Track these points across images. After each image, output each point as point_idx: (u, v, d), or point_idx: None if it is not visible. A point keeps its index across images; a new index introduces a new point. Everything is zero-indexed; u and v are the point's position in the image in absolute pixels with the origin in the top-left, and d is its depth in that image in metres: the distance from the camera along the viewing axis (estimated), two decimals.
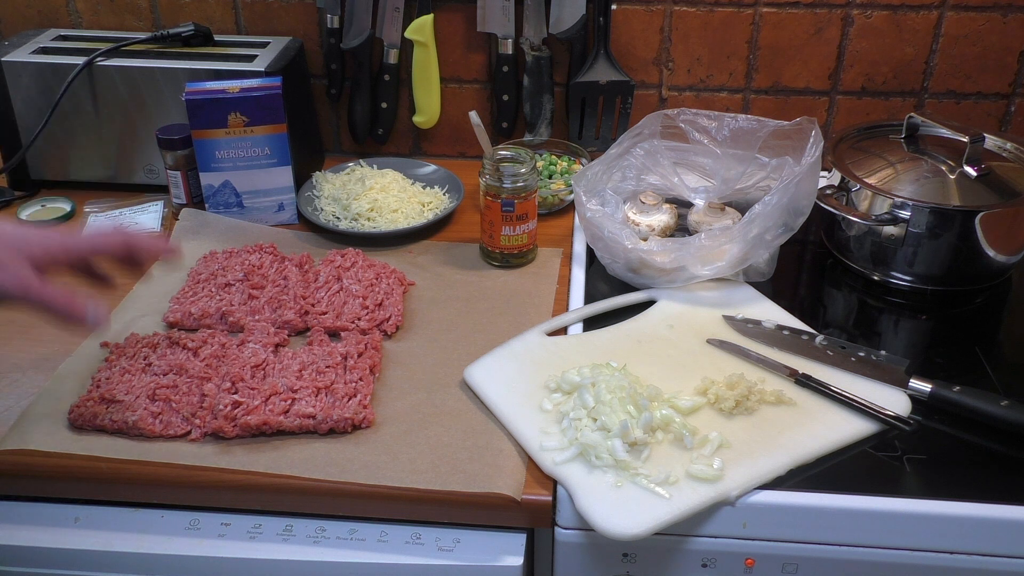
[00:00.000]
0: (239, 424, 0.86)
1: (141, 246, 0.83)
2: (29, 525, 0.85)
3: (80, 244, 0.81)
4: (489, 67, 1.37)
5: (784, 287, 1.11)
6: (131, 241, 0.82)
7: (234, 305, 1.02)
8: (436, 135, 1.43)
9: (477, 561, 0.82)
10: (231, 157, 1.17)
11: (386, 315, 1.02)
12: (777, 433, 0.84)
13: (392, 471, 0.82)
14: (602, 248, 1.07)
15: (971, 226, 1.03)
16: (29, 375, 0.94)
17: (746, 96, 1.37)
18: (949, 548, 0.80)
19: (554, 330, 1.01)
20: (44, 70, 1.23)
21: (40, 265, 0.77)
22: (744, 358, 0.95)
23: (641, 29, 1.33)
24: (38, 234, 0.78)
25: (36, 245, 0.77)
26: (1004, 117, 1.37)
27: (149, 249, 0.84)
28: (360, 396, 0.89)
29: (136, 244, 0.82)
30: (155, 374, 0.92)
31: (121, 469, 0.84)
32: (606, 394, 0.85)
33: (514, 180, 1.09)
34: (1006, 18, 1.28)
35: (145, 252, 0.84)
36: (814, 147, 1.03)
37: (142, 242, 0.83)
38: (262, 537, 0.84)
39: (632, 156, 1.16)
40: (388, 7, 1.31)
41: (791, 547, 0.81)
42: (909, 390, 0.89)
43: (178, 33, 1.29)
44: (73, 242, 0.80)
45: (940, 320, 1.07)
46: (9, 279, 0.74)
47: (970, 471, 0.84)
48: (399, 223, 1.19)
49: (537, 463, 0.83)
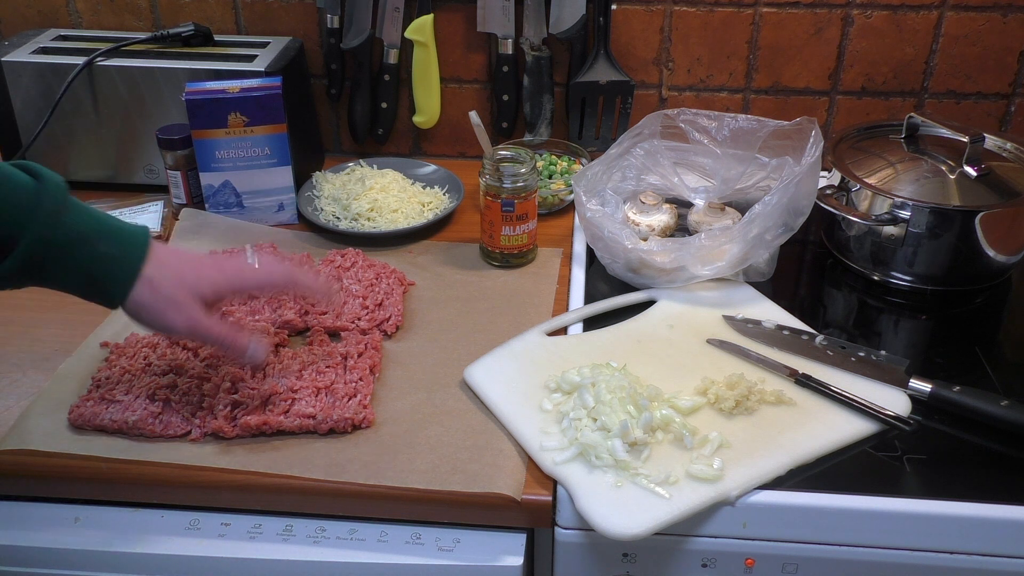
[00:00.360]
0: (239, 424, 0.86)
1: (304, 287, 0.90)
2: (29, 525, 0.85)
3: (247, 284, 0.87)
4: (489, 67, 1.37)
5: (784, 287, 1.11)
6: (296, 281, 0.89)
7: (234, 305, 1.02)
8: (436, 135, 1.43)
9: (477, 561, 0.82)
10: (231, 157, 1.17)
11: (386, 315, 1.02)
12: (777, 433, 0.84)
13: (392, 471, 0.82)
14: (602, 248, 1.07)
15: (971, 226, 1.03)
16: (29, 375, 0.94)
17: (746, 96, 1.37)
18: (949, 548, 0.80)
19: (554, 330, 1.01)
20: (44, 70, 1.23)
21: (209, 301, 0.83)
22: (744, 358, 0.95)
23: (641, 29, 1.33)
24: (212, 270, 0.84)
25: (207, 285, 0.82)
26: (1004, 117, 1.37)
27: (311, 290, 0.92)
28: (360, 396, 0.89)
29: (300, 285, 0.90)
30: (155, 374, 0.92)
31: (121, 469, 0.84)
32: (606, 394, 0.85)
33: (514, 180, 1.09)
34: (1006, 18, 1.28)
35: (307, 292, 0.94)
36: (814, 147, 1.03)
37: (306, 283, 0.90)
38: (262, 537, 0.84)
39: (632, 156, 1.16)
40: (388, 7, 1.31)
41: (791, 547, 0.81)
42: (909, 390, 0.89)
43: (178, 33, 1.29)
44: (241, 282, 0.86)
45: (940, 320, 1.07)
46: (181, 320, 0.80)
47: (970, 471, 0.84)
48: (399, 223, 1.19)
49: (537, 463, 0.83)
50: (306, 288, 0.91)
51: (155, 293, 0.78)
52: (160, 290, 0.79)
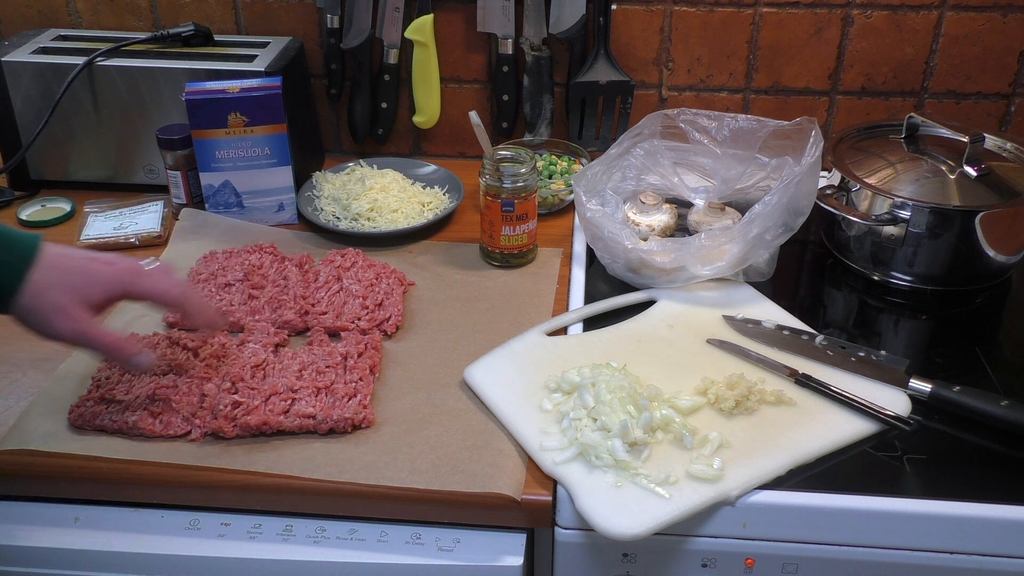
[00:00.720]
0: (239, 424, 0.86)
1: (192, 315, 0.88)
2: (29, 525, 0.85)
3: (139, 293, 0.84)
4: (489, 67, 1.37)
5: (784, 287, 1.11)
6: (188, 305, 0.87)
7: (234, 305, 1.02)
8: (436, 135, 1.43)
9: (477, 561, 0.82)
10: (231, 157, 1.17)
11: (386, 315, 1.02)
12: (777, 433, 0.84)
13: (392, 471, 0.82)
14: (602, 248, 1.07)
15: (971, 226, 1.03)
16: (29, 375, 0.94)
17: (746, 96, 1.37)
18: (949, 548, 0.80)
19: (554, 330, 1.01)
20: (44, 70, 1.23)
21: (98, 305, 0.81)
22: (744, 358, 0.95)
23: (641, 29, 1.33)
24: (103, 275, 0.82)
25: (99, 289, 0.81)
26: (1004, 117, 1.37)
27: (201, 317, 0.89)
28: (360, 396, 0.89)
29: (190, 309, 0.87)
30: (155, 374, 0.92)
31: (121, 469, 0.84)
32: (606, 394, 0.85)
33: (514, 180, 1.09)
34: (1006, 18, 1.28)
35: (196, 318, 0.89)
36: (814, 147, 1.03)
37: (197, 309, 0.88)
38: (262, 537, 0.84)
39: (632, 156, 1.16)
40: (388, 7, 1.31)
41: (791, 547, 0.81)
42: (909, 390, 0.89)
43: (178, 33, 1.29)
44: (134, 290, 0.84)
45: (940, 320, 1.07)
46: (68, 327, 0.79)
47: (970, 471, 0.84)
48: (399, 223, 1.19)
49: (537, 463, 0.83)
50: (195, 311, 0.88)
51: (40, 299, 0.78)
52: (45, 296, 0.78)
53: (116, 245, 1.17)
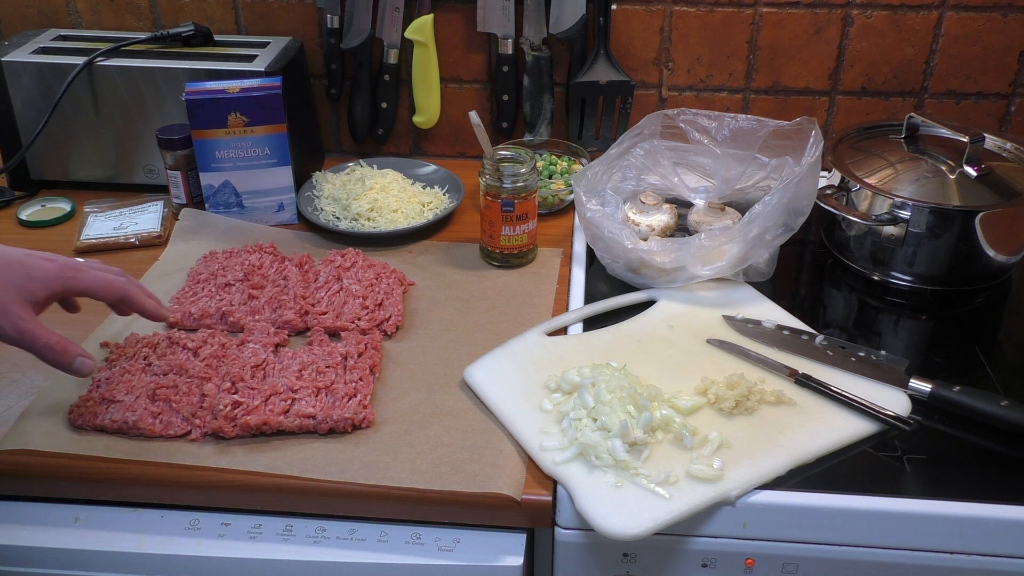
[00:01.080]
0: (239, 424, 0.86)
1: (136, 305, 0.87)
2: (29, 525, 0.85)
3: (82, 286, 0.83)
4: (489, 67, 1.37)
5: (784, 287, 1.11)
6: (129, 297, 0.86)
7: (234, 305, 1.02)
8: (436, 135, 1.43)
9: (477, 561, 0.82)
10: (231, 157, 1.17)
11: (386, 315, 1.02)
12: (777, 433, 0.84)
13: (392, 471, 0.82)
14: (602, 248, 1.07)
15: (971, 226, 1.03)
16: (29, 375, 0.94)
17: (746, 96, 1.37)
18: (949, 548, 0.80)
19: (554, 330, 1.01)
20: (44, 70, 1.23)
21: (40, 302, 0.80)
22: (744, 358, 0.95)
23: (641, 29, 1.33)
24: (43, 271, 0.80)
25: (39, 284, 0.79)
26: (1004, 117, 1.37)
27: (143, 309, 0.88)
28: (360, 396, 0.89)
29: (132, 302, 0.86)
30: (155, 374, 0.92)
31: (121, 469, 0.84)
32: (606, 394, 0.85)
33: (514, 180, 1.09)
34: (1006, 18, 1.28)
35: (138, 311, 0.88)
36: (814, 147, 1.02)
37: (138, 302, 0.87)
38: (262, 537, 0.84)
39: (632, 156, 1.16)
40: (388, 7, 1.31)
41: (791, 547, 0.81)
42: (909, 390, 0.89)
43: (178, 33, 1.29)
44: (76, 284, 0.82)
45: (940, 320, 1.07)
46: (8, 326, 0.77)
47: (970, 471, 0.84)
48: (399, 223, 1.19)
49: (537, 463, 0.83)
50: (137, 303, 0.86)
51: None
52: None
53: (116, 245, 1.17)
